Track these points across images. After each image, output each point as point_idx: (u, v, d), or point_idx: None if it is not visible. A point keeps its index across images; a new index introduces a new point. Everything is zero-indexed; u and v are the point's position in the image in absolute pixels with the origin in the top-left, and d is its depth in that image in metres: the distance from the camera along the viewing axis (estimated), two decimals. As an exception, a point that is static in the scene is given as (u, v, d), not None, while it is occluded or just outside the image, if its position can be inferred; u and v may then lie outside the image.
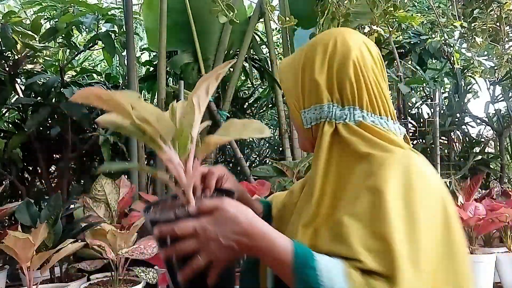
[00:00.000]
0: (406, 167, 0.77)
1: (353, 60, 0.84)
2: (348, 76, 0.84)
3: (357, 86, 0.84)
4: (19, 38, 3.23)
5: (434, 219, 0.75)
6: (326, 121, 0.85)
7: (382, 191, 0.73)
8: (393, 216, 0.71)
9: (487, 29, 3.75)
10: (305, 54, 0.89)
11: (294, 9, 3.75)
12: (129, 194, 2.63)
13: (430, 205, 0.75)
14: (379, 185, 0.74)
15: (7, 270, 2.55)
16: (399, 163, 0.77)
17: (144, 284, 2.16)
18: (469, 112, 4.73)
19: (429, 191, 0.76)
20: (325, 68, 0.86)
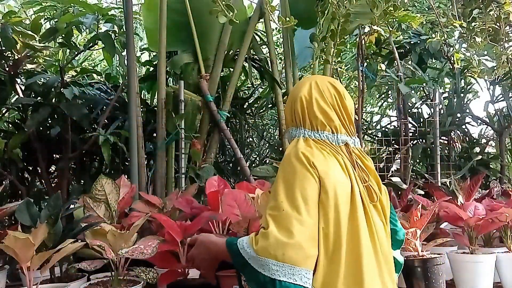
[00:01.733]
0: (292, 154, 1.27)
1: (300, 99, 1.35)
2: (297, 110, 1.35)
3: (302, 115, 1.34)
4: (19, 38, 3.23)
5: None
6: (290, 139, 1.36)
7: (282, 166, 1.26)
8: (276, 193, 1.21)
9: (486, 29, 3.75)
10: (289, 95, 1.44)
11: (294, 9, 3.75)
12: (129, 194, 2.62)
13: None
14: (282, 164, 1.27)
15: (7, 270, 2.55)
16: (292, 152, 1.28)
17: (144, 284, 2.16)
18: (470, 112, 4.73)
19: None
20: (289, 107, 1.39)
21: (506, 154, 4.83)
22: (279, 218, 1.14)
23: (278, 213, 1.15)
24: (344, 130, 1.33)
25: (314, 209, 1.17)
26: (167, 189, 3.40)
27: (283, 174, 1.23)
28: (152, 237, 2.23)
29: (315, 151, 1.25)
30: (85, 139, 3.43)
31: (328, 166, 1.23)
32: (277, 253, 1.11)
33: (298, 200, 1.16)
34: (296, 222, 1.13)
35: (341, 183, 1.23)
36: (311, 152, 1.24)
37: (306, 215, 1.15)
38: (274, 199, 1.19)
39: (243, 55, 3.78)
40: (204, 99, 3.58)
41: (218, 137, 3.80)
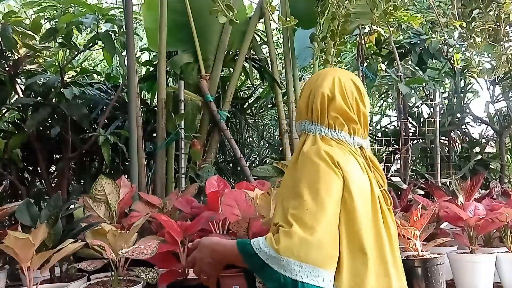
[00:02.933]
0: (310, 158, 1.22)
1: (321, 94, 1.29)
2: (316, 105, 1.29)
3: (321, 111, 1.29)
4: (19, 38, 3.23)
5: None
6: (303, 132, 1.32)
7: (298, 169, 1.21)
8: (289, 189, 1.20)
9: (486, 29, 3.75)
10: (305, 84, 1.37)
11: (294, 9, 3.75)
12: (129, 194, 2.62)
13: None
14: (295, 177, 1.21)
15: (7, 270, 2.55)
16: (310, 156, 1.22)
17: (144, 284, 2.16)
18: (470, 112, 4.73)
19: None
20: (305, 99, 1.33)
21: (506, 154, 4.83)
22: (303, 217, 1.10)
23: (302, 212, 1.11)
24: (359, 132, 1.30)
25: (337, 209, 1.14)
26: (167, 189, 3.40)
27: (305, 173, 1.18)
28: (152, 237, 2.23)
29: (336, 150, 1.22)
30: (85, 139, 3.43)
31: (350, 166, 1.20)
32: (300, 253, 1.07)
33: (323, 199, 1.13)
34: (321, 221, 1.10)
35: (363, 184, 1.21)
36: (333, 150, 1.21)
37: (332, 215, 1.12)
38: (296, 198, 1.14)
39: (243, 55, 3.78)
40: (204, 99, 3.58)
41: (218, 137, 3.80)
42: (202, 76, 3.65)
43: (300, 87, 3.83)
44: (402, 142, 4.08)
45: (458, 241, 2.94)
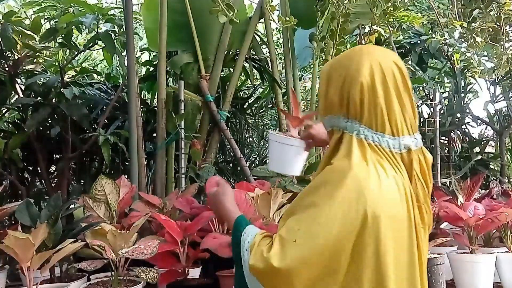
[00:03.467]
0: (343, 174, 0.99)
1: (360, 84, 1.02)
2: (353, 97, 1.03)
3: (360, 105, 1.02)
4: (19, 38, 3.23)
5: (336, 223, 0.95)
6: (337, 129, 1.07)
7: (319, 187, 1.01)
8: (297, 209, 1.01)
9: (486, 29, 3.75)
10: (333, 68, 1.09)
11: (294, 9, 3.75)
12: (129, 194, 2.62)
13: (339, 213, 0.95)
14: (319, 182, 1.02)
15: (7, 270, 2.55)
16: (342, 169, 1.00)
17: (144, 284, 2.16)
18: (470, 112, 4.73)
19: (348, 204, 0.95)
20: (338, 88, 1.06)
21: (506, 154, 4.83)
22: (289, 246, 0.95)
23: (288, 237, 0.96)
24: (406, 129, 1.03)
25: (333, 254, 0.94)
26: (167, 189, 3.40)
27: (319, 191, 0.98)
28: (152, 237, 2.23)
29: (371, 170, 0.98)
30: (85, 139, 3.43)
31: (381, 197, 0.96)
32: (265, 281, 0.99)
33: (317, 237, 0.94)
34: (300, 256, 0.94)
35: (398, 221, 0.98)
36: (365, 173, 0.97)
37: (318, 255, 0.94)
38: (295, 220, 0.98)
39: (243, 55, 3.78)
40: (204, 99, 3.58)
41: (218, 137, 3.81)
42: (202, 76, 3.65)
43: (300, 87, 3.83)
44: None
45: (458, 241, 2.94)
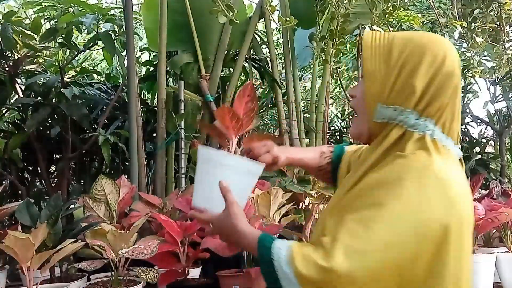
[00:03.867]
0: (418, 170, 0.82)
1: (454, 83, 0.87)
2: (444, 95, 0.86)
3: (445, 106, 0.86)
4: (19, 38, 3.23)
5: (410, 232, 0.78)
6: (398, 124, 0.87)
7: (387, 184, 0.83)
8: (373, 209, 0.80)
9: (487, 29, 3.75)
10: (410, 53, 0.87)
11: (294, 9, 3.75)
12: (129, 194, 2.62)
13: (417, 219, 0.78)
14: (389, 178, 0.83)
15: (7, 270, 2.55)
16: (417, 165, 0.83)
17: (144, 284, 2.17)
18: (470, 112, 4.73)
19: (426, 211, 0.79)
20: (427, 79, 0.86)
21: (506, 154, 4.83)
22: (356, 256, 0.76)
23: (354, 243, 0.77)
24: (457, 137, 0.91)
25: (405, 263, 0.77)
26: (167, 189, 3.40)
27: (393, 189, 0.80)
28: (152, 237, 2.23)
29: (454, 171, 0.85)
30: (85, 139, 3.43)
31: (467, 203, 0.87)
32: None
33: (393, 247, 0.76)
34: (370, 269, 0.76)
35: (472, 221, 0.91)
36: (450, 174, 0.83)
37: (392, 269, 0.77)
38: (362, 222, 0.78)
39: (243, 55, 3.78)
40: (204, 99, 3.58)
41: (218, 137, 3.80)
42: (202, 76, 3.65)
43: (300, 87, 3.83)
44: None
45: (458, 241, 2.94)
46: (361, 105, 0.92)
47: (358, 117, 0.95)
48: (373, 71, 0.88)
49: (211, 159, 1.00)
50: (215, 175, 0.97)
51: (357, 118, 0.95)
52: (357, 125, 0.94)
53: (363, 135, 0.94)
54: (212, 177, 0.97)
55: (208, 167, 1.00)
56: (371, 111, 0.89)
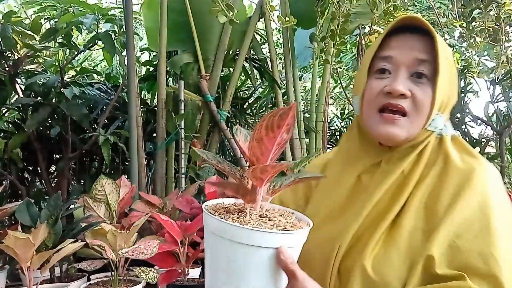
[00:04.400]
0: (498, 182, 0.83)
1: (455, 70, 0.89)
2: (455, 93, 0.88)
3: (451, 97, 0.88)
4: (19, 38, 3.23)
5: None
6: (436, 130, 0.88)
7: (490, 208, 0.78)
8: (498, 236, 0.75)
9: (486, 29, 3.75)
10: (452, 59, 0.87)
11: (295, 9, 3.75)
12: (129, 194, 2.62)
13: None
14: (486, 200, 0.79)
15: (7, 270, 2.55)
16: (490, 174, 0.83)
17: (144, 284, 2.16)
18: (470, 112, 4.73)
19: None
20: (453, 82, 0.88)
21: (506, 154, 4.83)
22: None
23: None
24: None
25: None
26: (167, 189, 3.40)
27: (504, 205, 0.80)
28: (152, 237, 2.23)
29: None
30: (85, 139, 3.44)
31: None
32: None
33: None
34: None
35: None
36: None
37: None
38: (502, 247, 0.74)
39: (243, 55, 3.78)
40: (204, 99, 3.58)
41: (218, 137, 3.81)
42: (202, 76, 3.65)
43: (300, 87, 3.83)
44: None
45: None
46: (420, 109, 0.84)
47: (410, 120, 0.85)
48: (443, 76, 0.83)
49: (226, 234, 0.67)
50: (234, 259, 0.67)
51: (410, 121, 0.85)
52: (409, 129, 0.85)
53: (407, 140, 0.87)
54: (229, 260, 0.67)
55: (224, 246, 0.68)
56: (429, 117, 0.85)
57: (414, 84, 0.84)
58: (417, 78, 0.84)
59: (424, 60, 0.83)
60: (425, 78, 0.84)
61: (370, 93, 0.86)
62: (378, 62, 0.86)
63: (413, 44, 0.84)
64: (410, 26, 0.85)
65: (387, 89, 0.83)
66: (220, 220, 0.66)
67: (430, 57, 0.83)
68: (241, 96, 4.86)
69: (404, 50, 0.84)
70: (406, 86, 0.83)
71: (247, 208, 0.70)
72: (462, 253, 0.74)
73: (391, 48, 0.85)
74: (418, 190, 0.83)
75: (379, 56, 0.86)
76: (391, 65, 0.85)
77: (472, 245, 0.74)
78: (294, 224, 0.70)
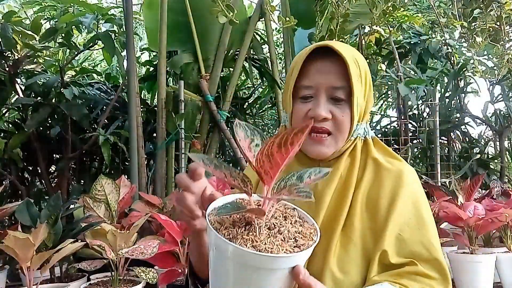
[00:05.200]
0: (418, 179, 0.98)
1: (369, 80, 0.97)
2: (371, 100, 0.99)
3: (368, 104, 0.98)
4: (19, 38, 3.23)
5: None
6: (360, 136, 0.98)
7: (420, 203, 0.94)
8: (430, 225, 0.92)
9: (486, 29, 3.75)
10: (366, 68, 0.96)
11: (295, 9, 3.75)
12: (129, 194, 2.63)
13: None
14: (416, 198, 0.94)
15: (7, 270, 2.55)
16: (414, 175, 0.97)
17: (144, 284, 2.17)
18: (469, 112, 4.73)
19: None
20: (369, 93, 0.98)
21: (506, 154, 4.83)
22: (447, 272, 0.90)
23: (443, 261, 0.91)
24: None
25: None
26: (167, 189, 3.40)
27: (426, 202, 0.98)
28: (152, 237, 2.23)
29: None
30: (85, 139, 3.44)
31: None
32: None
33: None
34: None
35: None
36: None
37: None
38: (434, 237, 0.92)
39: (243, 55, 3.78)
40: (204, 99, 3.58)
41: (218, 137, 3.81)
42: (202, 76, 3.65)
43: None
44: (402, 142, 4.07)
45: (458, 241, 2.94)
46: (341, 127, 0.94)
47: (335, 137, 0.95)
48: (359, 93, 0.94)
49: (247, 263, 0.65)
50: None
51: (334, 138, 0.95)
52: (335, 145, 0.96)
53: (335, 153, 0.97)
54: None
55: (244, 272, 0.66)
56: (351, 131, 0.95)
57: (333, 106, 0.93)
58: (335, 102, 0.94)
59: (339, 87, 0.93)
60: (343, 101, 0.93)
61: (297, 116, 0.95)
62: (301, 90, 0.94)
63: (329, 70, 0.93)
64: (326, 49, 0.93)
65: (311, 113, 0.93)
66: (235, 246, 0.64)
67: (344, 81, 0.92)
68: (241, 96, 4.86)
69: (321, 77, 0.93)
70: (327, 109, 0.93)
71: (255, 220, 0.69)
72: (407, 244, 0.88)
73: (310, 77, 0.93)
74: (359, 193, 0.93)
75: (301, 85, 0.94)
76: (312, 91, 0.93)
77: (414, 236, 0.89)
78: (303, 235, 0.70)
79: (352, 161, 0.97)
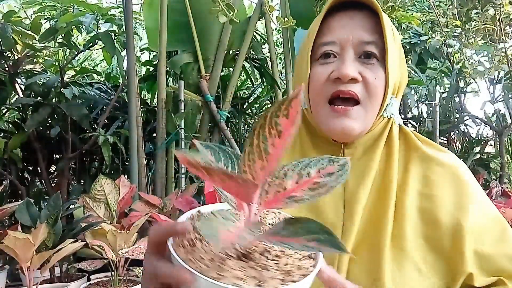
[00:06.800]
0: (470, 173, 0.78)
1: (401, 48, 0.78)
2: (405, 75, 0.79)
3: (402, 79, 0.78)
4: (19, 38, 3.23)
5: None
6: (393, 117, 0.76)
7: (490, 206, 0.75)
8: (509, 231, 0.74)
9: (481, 29, 3.74)
10: (397, 34, 0.77)
11: (294, 9, 3.75)
12: (129, 194, 2.63)
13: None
14: (484, 199, 0.75)
15: (7, 270, 2.55)
16: (468, 169, 0.78)
17: (144, 284, 2.17)
18: (468, 112, 4.73)
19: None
20: (403, 64, 0.78)
21: (506, 154, 4.83)
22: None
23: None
24: None
25: None
26: (167, 189, 3.40)
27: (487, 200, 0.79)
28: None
29: None
30: (85, 139, 3.44)
31: None
32: None
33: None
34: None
35: None
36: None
37: None
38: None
39: (243, 55, 3.78)
40: (204, 99, 3.58)
41: (218, 137, 3.81)
42: (202, 76, 3.65)
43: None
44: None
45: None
46: (373, 93, 0.72)
47: (364, 107, 0.72)
48: (393, 55, 0.72)
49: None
50: None
51: (364, 108, 0.72)
52: (364, 119, 0.72)
53: (363, 133, 0.74)
54: None
55: None
56: (384, 102, 0.73)
57: (363, 66, 0.72)
58: (365, 59, 0.72)
59: (370, 41, 0.72)
60: (375, 59, 0.72)
61: (316, 82, 0.73)
62: (320, 48, 0.74)
63: (356, 23, 0.72)
64: (350, 2, 0.73)
65: (335, 74, 0.70)
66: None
67: (376, 37, 0.71)
68: (241, 96, 4.86)
69: (348, 31, 0.72)
70: (355, 68, 0.71)
71: (251, 250, 0.47)
72: (491, 259, 0.69)
73: (333, 31, 0.73)
74: (404, 193, 0.72)
75: (322, 42, 0.74)
76: (336, 47, 0.72)
77: (498, 250, 0.70)
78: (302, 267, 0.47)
79: (389, 151, 0.74)
